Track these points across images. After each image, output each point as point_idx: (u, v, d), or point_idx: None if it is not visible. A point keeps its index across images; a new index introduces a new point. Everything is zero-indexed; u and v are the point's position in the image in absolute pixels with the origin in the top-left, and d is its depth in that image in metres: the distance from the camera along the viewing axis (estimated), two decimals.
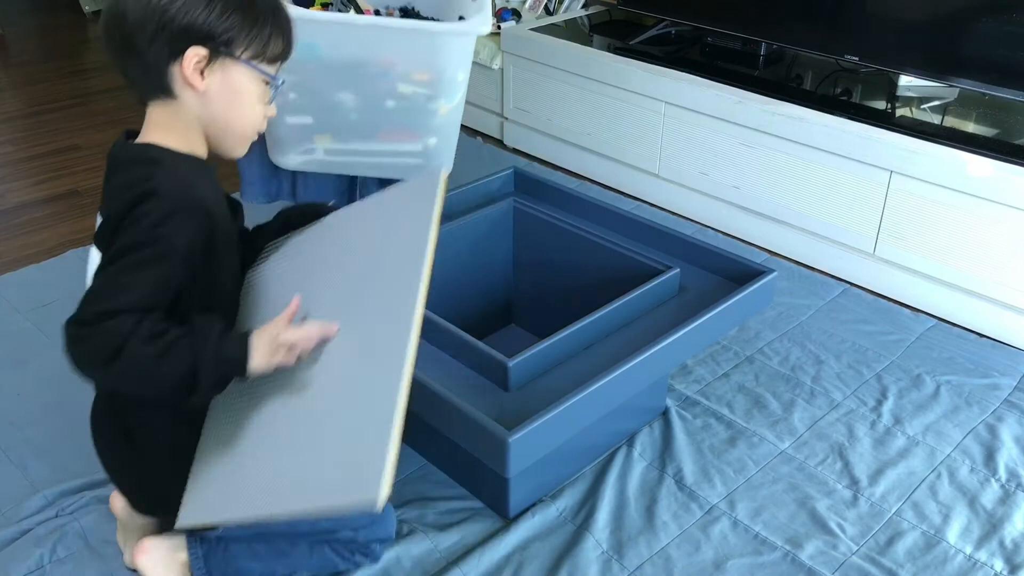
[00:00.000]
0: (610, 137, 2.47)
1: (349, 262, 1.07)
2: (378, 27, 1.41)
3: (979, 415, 1.64)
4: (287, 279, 1.13)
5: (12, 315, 1.86)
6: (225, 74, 1.03)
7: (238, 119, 1.07)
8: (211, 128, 1.07)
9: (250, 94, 1.06)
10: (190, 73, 1.01)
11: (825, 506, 1.44)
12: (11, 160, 2.65)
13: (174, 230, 0.97)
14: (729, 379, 1.74)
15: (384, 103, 1.48)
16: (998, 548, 1.37)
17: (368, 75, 1.45)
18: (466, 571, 1.31)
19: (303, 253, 1.15)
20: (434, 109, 1.50)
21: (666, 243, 1.61)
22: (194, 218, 1.00)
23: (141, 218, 0.97)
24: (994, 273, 1.84)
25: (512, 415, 1.20)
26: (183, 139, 1.06)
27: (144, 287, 0.96)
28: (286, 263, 1.15)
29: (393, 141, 1.55)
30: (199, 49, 1.00)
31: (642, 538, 1.37)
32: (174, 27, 0.99)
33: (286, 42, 1.07)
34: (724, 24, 2.35)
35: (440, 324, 1.34)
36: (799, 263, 2.16)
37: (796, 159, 2.09)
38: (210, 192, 1.06)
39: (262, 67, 1.05)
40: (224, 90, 1.04)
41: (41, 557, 1.33)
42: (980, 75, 1.90)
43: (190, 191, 1.01)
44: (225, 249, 1.08)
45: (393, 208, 1.07)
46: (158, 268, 0.97)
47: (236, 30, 1.01)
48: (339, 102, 1.49)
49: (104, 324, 0.93)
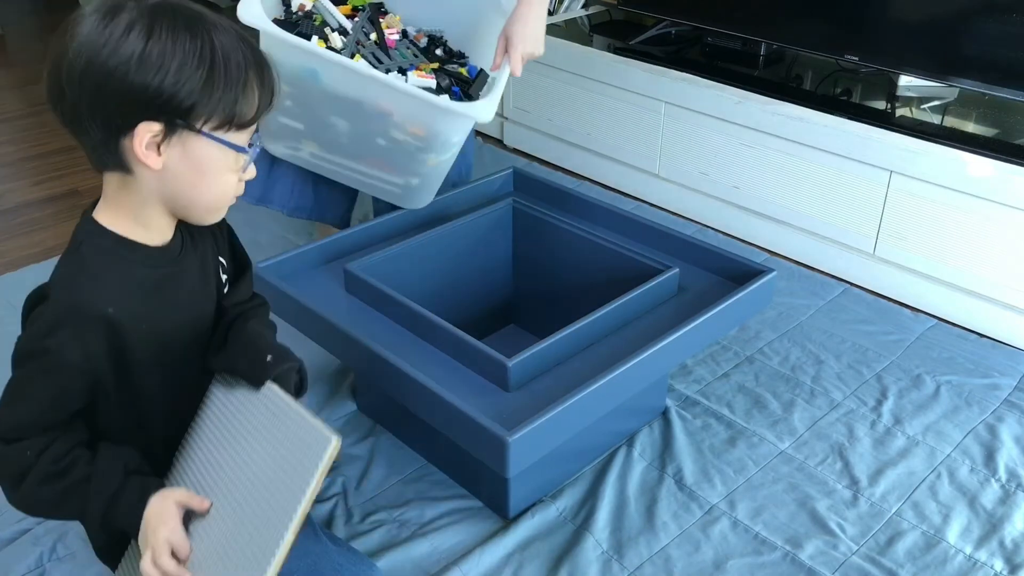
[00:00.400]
0: (610, 137, 2.47)
1: (243, 467, 0.99)
2: (379, 83, 1.39)
3: (979, 415, 1.64)
4: (204, 445, 1.04)
5: (12, 315, 1.86)
6: (185, 148, 0.88)
7: (205, 194, 0.93)
8: (175, 203, 0.93)
9: (217, 167, 0.91)
10: (142, 152, 0.86)
11: (825, 506, 1.44)
12: (11, 160, 2.65)
13: (63, 343, 0.88)
14: (729, 379, 1.74)
15: (375, 139, 1.48)
16: (998, 548, 1.37)
17: (364, 113, 1.44)
18: (466, 571, 1.31)
19: (222, 424, 1.04)
20: (423, 159, 1.50)
21: (666, 243, 1.60)
22: (86, 331, 0.89)
23: (34, 321, 0.90)
24: (994, 273, 1.84)
25: (512, 415, 1.20)
26: (133, 219, 0.93)
27: (38, 404, 0.89)
28: (213, 427, 1.05)
29: (377, 169, 1.55)
30: (151, 124, 0.85)
31: (642, 538, 1.37)
32: (120, 97, 0.83)
33: (264, 100, 0.91)
34: (724, 24, 2.35)
35: (440, 324, 1.34)
36: (799, 263, 2.16)
37: (796, 159, 2.09)
38: (131, 295, 0.93)
39: (230, 137, 0.90)
40: (186, 165, 0.89)
41: (41, 557, 1.33)
42: (980, 75, 1.90)
43: (86, 300, 0.89)
44: (158, 356, 0.96)
45: (284, 448, 0.95)
46: (50, 384, 0.89)
47: (195, 96, 0.85)
48: (332, 123, 1.48)
49: (7, 448, 0.90)
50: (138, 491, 0.94)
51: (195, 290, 1.01)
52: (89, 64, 0.83)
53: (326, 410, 1.63)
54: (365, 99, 1.43)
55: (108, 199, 0.93)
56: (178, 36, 0.84)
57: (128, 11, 0.85)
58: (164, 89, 0.83)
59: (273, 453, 0.94)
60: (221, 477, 0.98)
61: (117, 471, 0.94)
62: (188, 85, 0.84)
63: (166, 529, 0.93)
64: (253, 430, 0.98)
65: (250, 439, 0.98)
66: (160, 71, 0.83)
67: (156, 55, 0.83)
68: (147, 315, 0.94)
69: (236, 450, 0.98)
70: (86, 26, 0.84)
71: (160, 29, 0.84)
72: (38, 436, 0.91)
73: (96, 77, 0.83)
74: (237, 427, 1.00)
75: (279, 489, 0.92)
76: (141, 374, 0.96)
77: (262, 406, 0.98)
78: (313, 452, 0.91)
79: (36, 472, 0.90)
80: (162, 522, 0.93)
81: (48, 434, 0.91)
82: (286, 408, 0.96)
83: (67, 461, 0.92)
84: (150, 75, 0.83)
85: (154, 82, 0.83)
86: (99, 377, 0.92)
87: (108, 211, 0.93)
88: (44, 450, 0.90)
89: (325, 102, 1.45)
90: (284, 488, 0.92)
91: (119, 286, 0.92)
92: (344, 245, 1.59)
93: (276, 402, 0.97)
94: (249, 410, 0.99)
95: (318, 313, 1.36)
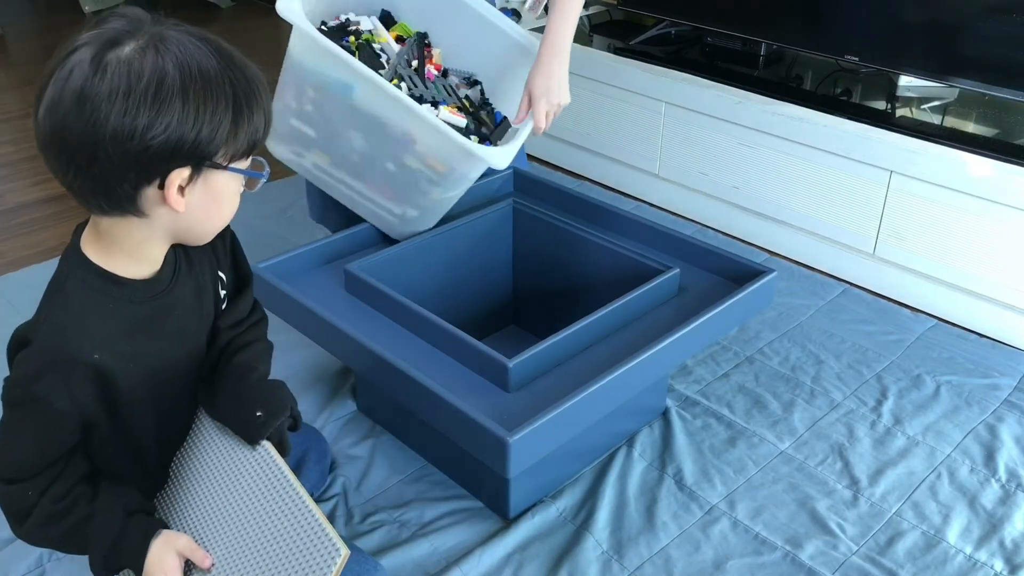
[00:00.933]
0: (610, 137, 2.47)
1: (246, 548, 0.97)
2: (412, 111, 1.38)
3: (979, 415, 1.64)
4: (203, 491, 1.04)
5: (12, 315, 1.87)
6: (207, 184, 0.86)
7: (218, 221, 0.93)
8: (181, 234, 0.92)
9: (232, 193, 0.91)
10: (173, 198, 0.84)
11: (825, 506, 1.44)
12: (11, 160, 2.65)
13: (50, 390, 0.87)
14: (729, 379, 1.74)
15: (386, 163, 1.48)
16: (998, 548, 1.37)
17: (386, 135, 1.43)
18: (466, 571, 1.31)
19: (221, 482, 1.02)
20: (427, 191, 1.49)
21: (666, 243, 1.61)
22: (72, 379, 0.88)
23: (20, 366, 0.88)
24: (994, 273, 1.84)
25: (512, 416, 1.20)
26: (127, 255, 0.91)
27: (33, 446, 0.89)
28: (211, 473, 1.04)
29: (378, 192, 1.54)
30: (181, 171, 0.83)
31: (642, 538, 1.37)
32: (155, 150, 0.80)
33: (266, 124, 0.89)
34: (724, 24, 2.35)
35: (440, 324, 1.34)
36: (799, 263, 2.16)
37: (796, 159, 2.09)
38: (118, 336, 0.91)
39: (244, 166, 0.90)
40: (205, 200, 0.88)
41: (41, 557, 1.33)
42: (980, 75, 1.90)
43: (72, 347, 0.87)
44: (150, 390, 0.95)
45: (290, 545, 0.94)
46: (42, 428, 0.89)
47: (225, 135, 0.84)
48: (348, 138, 1.48)
49: (7, 488, 0.90)
50: (140, 534, 0.95)
51: (188, 315, 0.99)
52: (132, 131, 0.78)
53: (326, 410, 1.63)
54: (392, 122, 1.41)
55: (101, 234, 0.90)
56: (207, 75, 0.81)
57: (140, 51, 0.80)
58: (202, 137, 0.82)
59: (278, 544, 0.93)
60: (218, 538, 0.98)
61: (117, 514, 0.94)
62: (223, 127, 0.83)
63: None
64: (253, 505, 0.97)
65: (250, 514, 0.97)
66: (199, 120, 0.81)
67: (194, 104, 0.80)
68: (134, 354, 0.92)
69: (235, 516, 0.98)
70: (104, 80, 0.78)
71: (191, 73, 0.80)
72: (38, 474, 0.90)
73: (140, 142, 0.79)
74: (235, 489, 0.99)
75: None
76: (133, 411, 0.95)
77: (263, 478, 0.97)
78: (322, 562, 0.90)
79: (39, 512, 0.91)
80: (163, 572, 0.94)
81: (49, 471, 0.91)
82: (293, 497, 0.94)
83: (68, 501, 0.92)
84: (190, 127, 0.81)
85: (192, 133, 0.81)
86: (91, 418, 0.92)
87: (99, 245, 0.91)
88: (46, 490, 0.91)
89: (349, 115, 1.44)
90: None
91: (104, 329, 0.90)
92: (344, 245, 1.59)
93: (280, 484, 0.96)
94: (247, 475, 0.98)
95: (318, 313, 1.36)
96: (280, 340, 1.44)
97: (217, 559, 0.97)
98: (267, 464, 0.98)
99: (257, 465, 0.99)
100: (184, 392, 1.03)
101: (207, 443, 1.04)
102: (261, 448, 0.98)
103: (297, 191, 2.44)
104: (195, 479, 1.03)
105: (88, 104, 0.78)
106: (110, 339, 0.90)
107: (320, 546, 0.91)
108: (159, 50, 0.81)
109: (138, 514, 0.96)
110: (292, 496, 0.95)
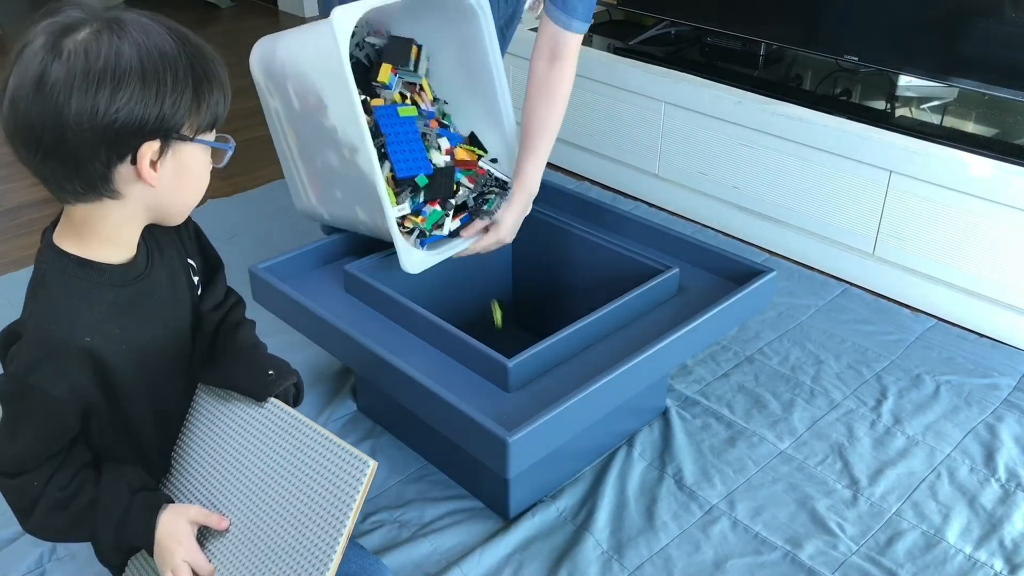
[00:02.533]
0: (610, 137, 2.47)
1: (267, 491, 0.98)
2: (377, 188, 1.38)
3: (979, 415, 1.64)
4: (212, 454, 1.04)
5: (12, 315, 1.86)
6: (176, 158, 0.88)
7: (190, 196, 0.93)
8: (158, 213, 0.93)
9: (202, 168, 0.92)
10: (147, 171, 0.85)
11: (825, 506, 1.44)
12: (11, 160, 2.62)
13: (46, 380, 0.87)
14: (729, 379, 1.74)
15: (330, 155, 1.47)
16: (998, 548, 1.37)
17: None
18: (466, 571, 1.31)
19: (230, 439, 1.03)
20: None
21: (665, 243, 1.61)
22: (67, 365, 0.88)
23: (12, 361, 0.89)
24: (994, 273, 1.84)
25: (512, 415, 1.20)
26: (103, 240, 0.92)
27: (34, 439, 0.89)
28: (217, 432, 1.05)
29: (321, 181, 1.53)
30: (152, 144, 0.84)
31: (642, 538, 1.37)
32: (121, 127, 0.82)
33: (226, 100, 0.91)
34: (724, 24, 2.35)
35: (440, 324, 1.34)
36: (799, 263, 2.16)
37: (796, 159, 2.09)
38: (105, 320, 0.91)
39: (212, 138, 0.91)
40: (177, 174, 0.89)
41: (41, 557, 1.33)
42: (980, 75, 1.90)
43: (62, 334, 0.88)
44: (142, 373, 0.96)
45: (314, 473, 0.95)
46: (41, 420, 0.89)
47: (188, 107, 0.85)
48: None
49: (11, 482, 0.91)
50: (146, 509, 0.95)
51: (167, 299, 1.00)
52: (93, 110, 0.80)
53: (327, 410, 1.63)
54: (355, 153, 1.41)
55: (76, 224, 0.91)
56: (164, 52, 0.83)
57: (94, 35, 0.82)
58: (164, 111, 0.83)
59: (301, 477, 0.94)
60: (236, 496, 0.98)
61: (122, 492, 0.94)
62: (184, 100, 0.85)
63: (182, 549, 0.94)
64: (269, 451, 0.97)
65: (267, 460, 0.97)
66: (159, 95, 0.82)
67: (154, 79, 0.82)
68: (124, 336, 0.93)
69: (250, 469, 0.98)
70: (61, 64, 0.81)
71: (147, 51, 0.82)
72: (41, 465, 0.91)
73: (96, 126, 0.81)
74: (247, 445, 0.99)
75: (316, 515, 0.92)
76: (128, 393, 0.95)
77: (274, 425, 0.98)
78: (351, 477, 0.91)
79: (45, 501, 0.91)
80: (177, 542, 0.94)
81: (51, 461, 0.91)
82: (309, 431, 0.95)
83: (73, 487, 0.92)
84: (152, 102, 0.82)
85: (155, 108, 0.83)
86: (88, 404, 0.92)
87: (74, 236, 0.91)
88: (50, 479, 0.91)
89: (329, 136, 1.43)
90: (322, 514, 0.91)
91: (91, 314, 0.91)
92: (344, 245, 1.59)
93: (294, 424, 0.97)
94: (258, 428, 0.99)
95: (318, 314, 1.36)
96: (280, 340, 1.45)
97: (235, 519, 0.96)
98: (276, 413, 0.98)
99: (265, 417, 0.99)
100: (175, 375, 1.03)
101: (209, 417, 1.04)
102: (272, 405, 0.99)
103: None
104: (200, 452, 1.03)
105: (48, 88, 0.80)
106: (99, 322, 0.91)
107: (345, 463, 0.91)
108: (114, 32, 0.83)
109: (142, 491, 0.96)
110: (305, 429, 0.95)
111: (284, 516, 0.94)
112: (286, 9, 4.21)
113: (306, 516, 0.92)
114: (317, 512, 0.92)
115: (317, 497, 0.92)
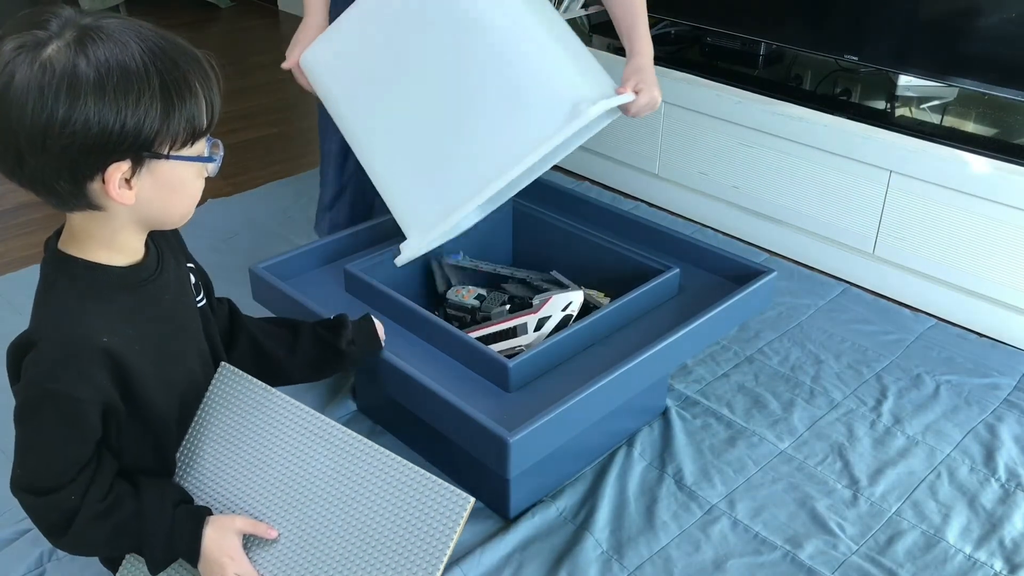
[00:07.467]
0: (609, 137, 2.47)
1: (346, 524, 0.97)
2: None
3: (979, 415, 1.64)
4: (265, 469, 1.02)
5: (12, 315, 1.87)
6: (155, 174, 0.86)
7: (180, 207, 0.92)
8: (149, 223, 0.92)
9: (188, 180, 0.90)
10: (116, 192, 0.84)
11: (825, 506, 1.44)
12: None
13: (70, 382, 0.86)
14: (729, 379, 1.74)
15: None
16: (998, 548, 1.37)
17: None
18: (466, 571, 1.31)
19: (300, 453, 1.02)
20: None
21: (666, 243, 1.61)
22: (89, 365, 0.88)
23: (30, 369, 0.87)
24: (993, 273, 1.84)
25: (512, 416, 1.20)
26: (106, 246, 0.91)
27: (64, 447, 0.88)
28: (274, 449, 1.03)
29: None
30: (120, 164, 0.83)
31: (642, 538, 1.37)
32: (87, 149, 0.80)
33: (214, 106, 0.88)
34: (724, 24, 2.35)
35: (440, 324, 1.34)
36: (799, 263, 2.16)
37: (796, 159, 2.09)
38: (119, 320, 0.91)
39: (193, 150, 0.88)
40: (158, 190, 0.87)
41: (41, 557, 1.33)
42: (980, 75, 1.90)
43: (80, 335, 0.88)
44: (159, 371, 0.96)
45: (404, 504, 0.95)
46: (68, 425, 0.88)
47: (157, 125, 0.82)
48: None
49: (48, 498, 0.89)
50: (191, 523, 0.95)
51: (178, 302, 1.00)
52: (48, 127, 0.79)
53: (326, 411, 1.63)
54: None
55: (76, 232, 0.90)
56: (126, 68, 0.80)
57: (59, 49, 0.80)
58: (127, 129, 0.81)
59: (384, 506, 0.94)
60: (286, 509, 0.97)
61: (166, 508, 0.94)
62: (149, 117, 0.82)
63: (235, 564, 0.94)
64: (332, 470, 0.97)
65: (332, 480, 0.97)
66: (120, 112, 0.80)
67: (113, 97, 0.79)
68: (139, 336, 0.93)
69: (305, 485, 0.97)
70: (22, 78, 0.79)
71: (108, 67, 0.80)
72: (75, 479, 0.90)
73: (58, 139, 0.79)
74: (302, 462, 0.99)
75: (405, 545, 0.92)
76: (147, 392, 0.95)
77: (334, 446, 0.99)
78: (450, 513, 0.91)
79: (85, 513, 0.90)
80: (228, 556, 0.94)
81: (85, 472, 0.91)
82: (390, 461, 0.96)
83: (112, 497, 0.92)
84: (111, 120, 0.80)
85: (116, 125, 0.80)
86: (111, 405, 0.91)
87: (77, 242, 0.91)
88: (87, 490, 0.90)
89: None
90: (413, 546, 0.91)
91: (106, 314, 0.90)
92: (344, 245, 1.59)
93: (378, 457, 0.97)
94: (328, 454, 0.99)
95: (318, 313, 1.36)
96: None
97: (285, 532, 0.96)
98: (334, 434, 0.99)
99: (319, 436, 1.00)
100: (192, 373, 1.03)
101: (240, 426, 1.03)
102: (342, 433, 1.00)
103: (297, 192, 2.45)
104: (230, 455, 1.02)
105: (3, 105, 0.79)
106: (113, 323, 0.90)
107: (442, 499, 0.92)
108: (76, 47, 0.80)
109: (183, 504, 0.97)
110: (385, 459, 0.97)
111: (360, 541, 0.93)
112: (286, 9, 4.21)
113: (393, 544, 0.92)
114: (408, 541, 0.91)
115: (408, 527, 0.92)
